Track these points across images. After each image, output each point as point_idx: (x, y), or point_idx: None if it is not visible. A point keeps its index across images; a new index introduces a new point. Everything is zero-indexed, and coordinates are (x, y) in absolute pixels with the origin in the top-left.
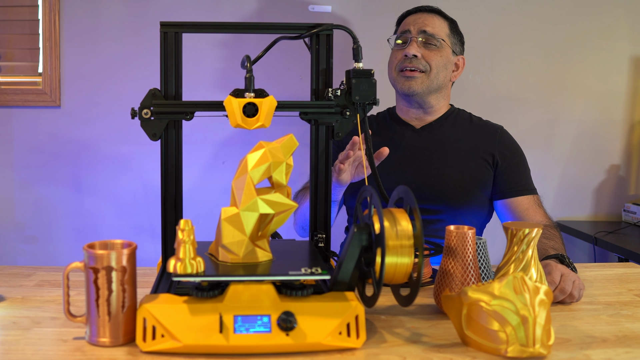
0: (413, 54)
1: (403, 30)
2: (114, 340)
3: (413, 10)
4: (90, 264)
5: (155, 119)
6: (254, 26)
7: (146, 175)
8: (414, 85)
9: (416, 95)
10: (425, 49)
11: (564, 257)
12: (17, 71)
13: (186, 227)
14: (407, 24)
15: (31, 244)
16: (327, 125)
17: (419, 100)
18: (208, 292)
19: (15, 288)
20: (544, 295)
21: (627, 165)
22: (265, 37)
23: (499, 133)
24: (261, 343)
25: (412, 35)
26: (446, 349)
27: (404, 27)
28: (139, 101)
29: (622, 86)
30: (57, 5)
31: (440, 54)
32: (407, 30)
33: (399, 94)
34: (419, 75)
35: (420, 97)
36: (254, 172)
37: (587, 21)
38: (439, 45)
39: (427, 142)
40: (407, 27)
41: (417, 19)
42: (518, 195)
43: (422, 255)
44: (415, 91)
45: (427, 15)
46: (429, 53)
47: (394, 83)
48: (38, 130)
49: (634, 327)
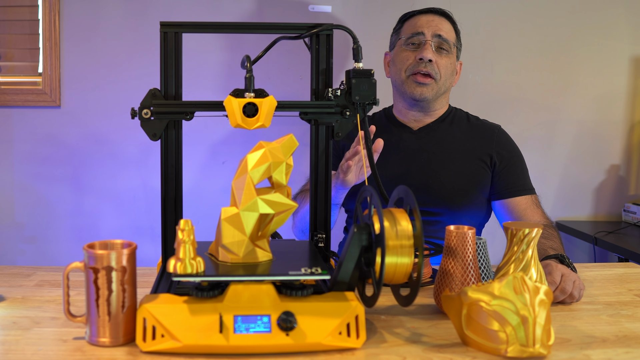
0: (429, 58)
1: (416, 32)
2: (114, 340)
3: (424, 10)
4: (90, 264)
5: (155, 119)
6: (254, 26)
7: (146, 175)
8: (426, 92)
9: (425, 101)
10: (437, 54)
11: (564, 257)
12: (17, 71)
13: (186, 227)
14: (419, 25)
15: (31, 244)
16: (327, 125)
17: (425, 105)
18: (208, 292)
19: (15, 288)
20: (544, 295)
21: (627, 165)
22: (265, 37)
23: (497, 133)
24: (261, 343)
25: (427, 38)
26: (446, 349)
27: (416, 28)
28: (139, 101)
29: (622, 86)
30: (57, 5)
31: (450, 60)
32: (421, 33)
33: (402, 96)
34: (430, 82)
35: (427, 102)
36: (254, 172)
37: (587, 21)
38: (450, 51)
39: (424, 144)
40: (421, 29)
41: (430, 22)
42: (516, 196)
43: (422, 255)
44: (426, 98)
45: (440, 19)
46: (441, 59)
47: (400, 85)
48: (38, 130)
49: (634, 327)
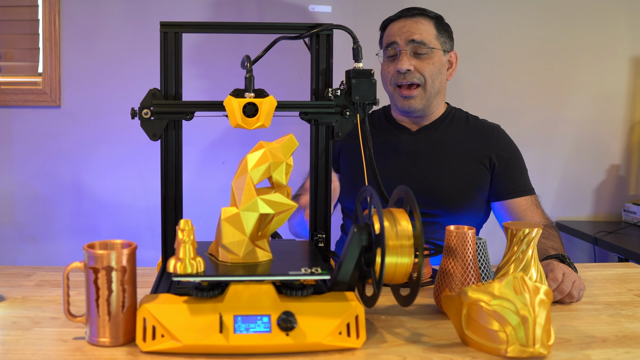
0: (406, 68)
1: (390, 42)
2: (114, 340)
3: (395, 16)
4: (90, 264)
5: (155, 119)
6: (254, 26)
7: (146, 175)
8: (414, 103)
9: (415, 112)
10: (416, 59)
11: (565, 257)
12: (17, 71)
13: (186, 227)
14: (392, 34)
15: (31, 244)
16: (327, 125)
17: (420, 113)
18: (208, 292)
19: (15, 288)
20: (544, 295)
21: (627, 165)
22: (265, 37)
23: (496, 134)
24: (261, 343)
25: (402, 47)
26: (446, 349)
27: (389, 37)
28: (139, 101)
29: (622, 86)
30: (57, 5)
31: (432, 62)
32: (394, 42)
33: (394, 106)
34: (417, 92)
35: (421, 111)
36: (254, 172)
37: (587, 21)
38: (430, 53)
39: (423, 145)
40: (393, 38)
41: (401, 28)
42: (516, 197)
43: (422, 255)
44: (415, 109)
45: (411, 22)
46: (421, 63)
47: (390, 97)
48: (38, 130)
49: (634, 327)
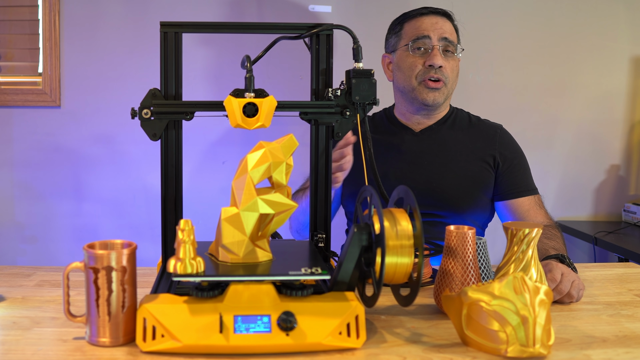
0: (440, 64)
1: (421, 35)
2: (114, 340)
3: (425, 11)
4: (90, 264)
5: (155, 119)
6: (254, 26)
7: (146, 175)
8: (438, 97)
9: (436, 105)
10: (444, 57)
11: (564, 257)
12: (17, 71)
13: (186, 227)
14: (424, 28)
15: (31, 244)
16: (327, 125)
17: (435, 111)
18: (208, 292)
19: (15, 288)
20: (544, 295)
21: (627, 165)
22: (265, 37)
23: (499, 133)
24: (261, 343)
25: (435, 43)
26: (446, 349)
27: (420, 31)
28: (139, 101)
29: (622, 86)
30: (57, 5)
31: (455, 63)
32: (427, 36)
33: (410, 101)
34: (441, 86)
35: (439, 108)
36: (254, 172)
37: (587, 21)
38: (455, 53)
39: (427, 146)
40: (426, 32)
41: (434, 24)
42: (519, 197)
43: (422, 255)
44: (438, 102)
45: (443, 20)
46: (447, 62)
47: (410, 91)
48: (38, 130)
49: (634, 327)
